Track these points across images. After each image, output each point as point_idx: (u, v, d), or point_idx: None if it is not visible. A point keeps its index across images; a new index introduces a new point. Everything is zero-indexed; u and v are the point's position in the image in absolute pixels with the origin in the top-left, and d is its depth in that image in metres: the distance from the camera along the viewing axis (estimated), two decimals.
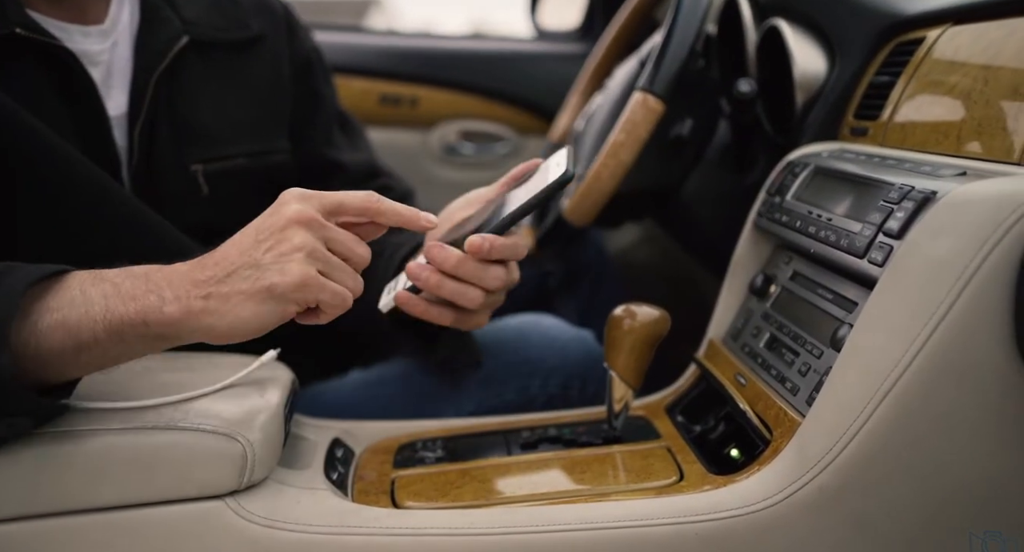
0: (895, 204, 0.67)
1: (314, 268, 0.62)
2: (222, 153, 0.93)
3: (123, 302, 0.59)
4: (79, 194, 0.79)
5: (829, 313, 0.76)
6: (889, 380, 0.62)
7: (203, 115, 0.92)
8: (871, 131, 0.90)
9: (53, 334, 0.58)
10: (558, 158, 0.74)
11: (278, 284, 0.60)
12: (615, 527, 0.67)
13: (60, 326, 0.58)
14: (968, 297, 0.59)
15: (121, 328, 0.59)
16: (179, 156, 0.90)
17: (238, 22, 0.97)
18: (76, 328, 0.58)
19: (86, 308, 0.59)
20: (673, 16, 1.03)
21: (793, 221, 0.83)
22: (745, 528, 0.67)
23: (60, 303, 0.59)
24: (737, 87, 1.05)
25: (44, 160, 0.77)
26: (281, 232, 0.62)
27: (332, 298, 0.63)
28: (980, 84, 0.75)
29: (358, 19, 11.98)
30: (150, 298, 0.59)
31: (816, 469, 0.65)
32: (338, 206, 0.65)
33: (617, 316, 0.82)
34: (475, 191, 0.86)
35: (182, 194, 0.91)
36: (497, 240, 0.72)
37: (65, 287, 0.60)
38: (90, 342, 0.59)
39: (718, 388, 0.85)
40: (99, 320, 0.59)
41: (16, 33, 0.78)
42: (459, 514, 0.69)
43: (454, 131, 1.86)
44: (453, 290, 0.74)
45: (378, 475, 0.78)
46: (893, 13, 0.94)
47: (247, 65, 0.97)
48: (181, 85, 0.90)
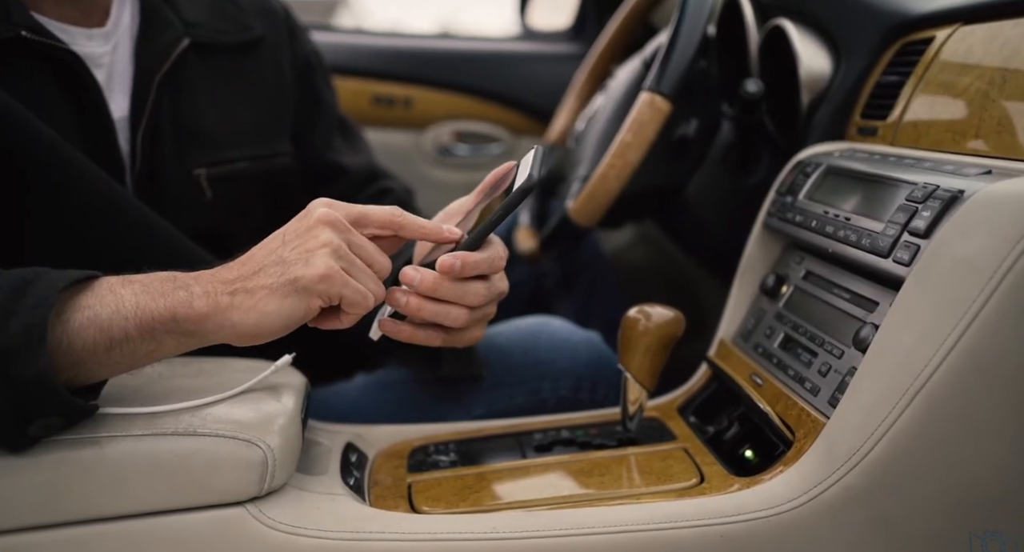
0: (919, 203, 0.67)
1: (338, 264, 0.63)
2: (225, 157, 0.92)
3: (153, 298, 0.61)
4: (87, 199, 0.78)
5: (848, 313, 0.76)
6: (919, 380, 0.62)
7: (206, 118, 0.90)
8: (880, 131, 0.91)
9: (85, 332, 0.59)
10: (526, 161, 0.70)
11: (302, 276, 0.61)
12: (638, 530, 0.66)
13: (92, 323, 0.59)
14: (1000, 297, 0.59)
15: (152, 324, 0.60)
16: (182, 160, 0.89)
17: (239, 24, 0.95)
18: (108, 325, 0.60)
19: (117, 306, 0.60)
20: (679, 16, 1.02)
21: (808, 221, 0.83)
22: (770, 529, 0.66)
23: (91, 302, 0.60)
24: (744, 87, 1.05)
25: (52, 165, 0.76)
26: (308, 231, 0.63)
27: (354, 295, 0.63)
28: (998, 83, 0.75)
29: (325, 19, 11.90)
30: (179, 294, 0.61)
31: (843, 469, 0.65)
32: (362, 217, 0.66)
33: (632, 317, 0.82)
34: (454, 203, 0.81)
35: (185, 198, 0.90)
36: (469, 257, 0.69)
37: (96, 288, 0.61)
38: (121, 339, 0.60)
39: (733, 389, 0.84)
40: (130, 317, 0.60)
41: (22, 35, 0.76)
42: (480, 518, 0.68)
43: (448, 132, 1.85)
44: (434, 312, 0.70)
45: (393, 480, 0.77)
46: (900, 13, 0.95)
47: (249, 68, 0.96)
48: (183, 88, 0.89)
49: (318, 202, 0.66)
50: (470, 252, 0.70)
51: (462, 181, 1.81)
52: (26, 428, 0.59)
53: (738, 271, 0.95)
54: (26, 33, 0.76)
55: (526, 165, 0.70)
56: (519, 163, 0.73)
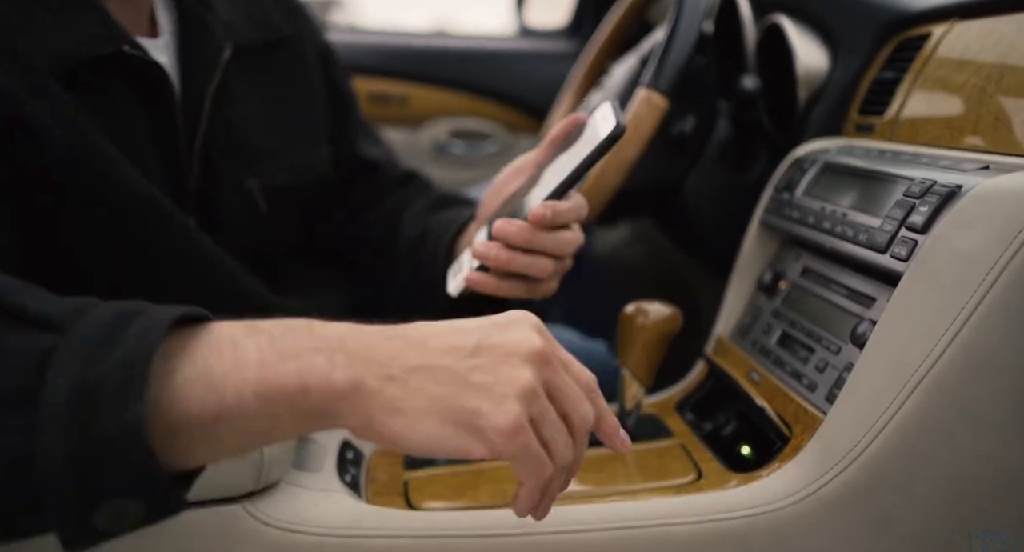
0: (917, 198, 0.67)
1: (527, 415, 0.48)
2: (276, 167, 0.88)
3: (281, 359, 0.45)
4: (159, 239, 0.72)
5: (845, 309, 0.76)
6: (917, 375, 0.62)
7: (253, 127, 0.85)
8: (877, 127, 0.91)
9: (192, 388, 0.44)
10: (603, 112, 0.71)
11: (487, 415, 0.46)
12: (636, 526, 0.66)
13: (203, 378, 0.44)
14: (998, 291, 0.59)
15: (275, 393, 0.45)
16: (235, 173, 0.83)
17: (266, 23, 0.90)
18: (221, 383, 0.44)
19: (236, 361, 0.45)
20: (676, 13, 1.02)
21: (805, 217, 0.83)
22: (768, 526, 0.66)
23: (204, 352, 0.45)
24: (741, 84, 1.05)
25: (131, 207, 0.69)
26: (506, 358, 0.48)
27: (528, 464, 0.48)
28: (994, 79, 0.75)
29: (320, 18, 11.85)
30: (316, 358, 0.46)
31: (841, 465, 0.65)
32: (569, 365, 0.52)
33: (629, 314, 0.82)
34: (520, 158, 0.82)
35: (242, 214, 0.84)
36: (559, 206, 0.70)
37: (211, 332, 0.46)
38: (233, 406, 0.44)
39: (731, 385, 0.84)
40: (250, 379, 0.44)
41: (123, 52, 0.69)
42: (478, 515, 0.68)
43: (444, 129, 1.85)
44: (524, 263, 0.71)
45: (390, 477, 0.76)
46: (896, 9, 0.95)
47: (281, 70, 0.91)
48: (230, 96, 0.83)
49: (528, 321, 0.51)
50: (558, 201, 0.70)
51: (458, 178, 1.81)
52: (91, 515, 0.42)
53: (735, 268, 0.95)
54: (128, 48, 0.69)
55: (604, 116, 0.71)
56: (592, 116, 0.73)
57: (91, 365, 0.42)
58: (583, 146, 0.71)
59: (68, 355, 0.42)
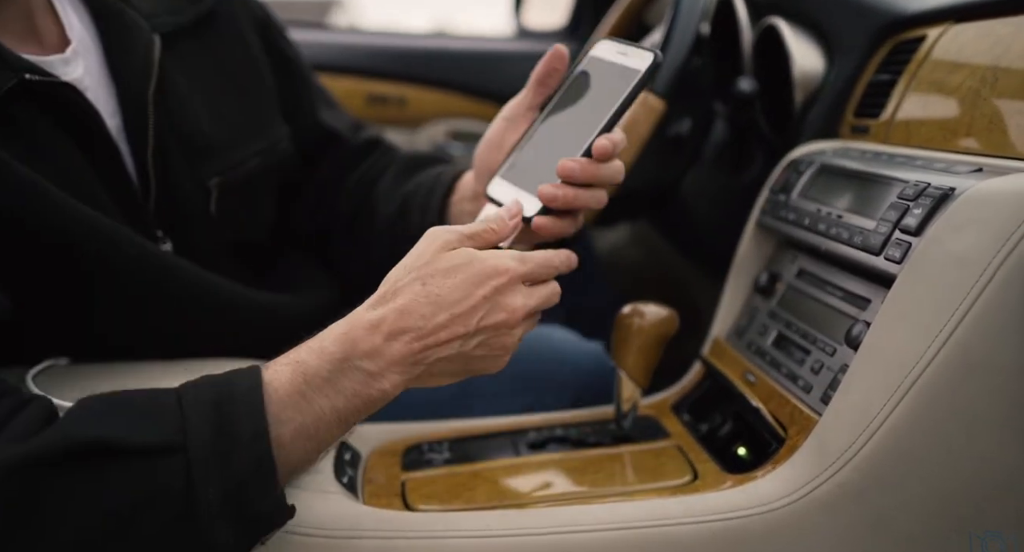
0: (911, 201, 0.67)
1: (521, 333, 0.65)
2: (235, 160, 0.85)
3: (347, 399, 0.59)
4: (120, 266, 0.71)
5: (840, 310, 0.76)
6: (911, 376, 0.62)
7: (204, 121, 0.82)
8: (873, 129, 0.91)
9: (296, 444, 0.58)
10: (617, 48, 0.74)
11: (488, 369, 0.65)
12: (632, 527, 0.67)
13: (300, 435, 0.58)
14: (991, 293, 0.60)
15: (351, 418, 0.60)
16: (195, 175, 0.81)
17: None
18: (315, 433, 0.58)
19: (316, 413, 0.58)
20: (673, 14, 1.02)
21: (801, 218, 0.83)
22: (763, 527, 0.66)
23: (289, 413, 0.58)
24: (738, 86, 1.05)
25: (80, 239, 0.67)
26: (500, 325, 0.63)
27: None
28: (989, 81, 0.76)
29: (320, 19, 11.85)
30: (372, 393, 0.60)
31: (835, 466, 0.65)
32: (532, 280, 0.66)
33: (626, 315, 0.82)
34: (508, 106, 0.81)
35: (205, 214, 0.82)
36: (616, 137, 0.71)
37: (279, 391, 0.58)
38: (327, 438, 0.60)
39: (727, 386, 0.84)
40: (334, 422, 0.59)
41: (25, 80, 0.66)
42: (474, 516, 0.68)
43: (442, 130, 1.85)
44: (587, 198, 0.72)
45: (387, 478, 0.77)
46: (892, 12, 0.95)
47: (217, 46, 0.86)
48: (172, 94, 0.79)
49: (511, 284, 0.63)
50: (612, 134, 0.71)
51: None
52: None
53: (731, 269, 0.95)
54: (29, 76, 0.66)
55: (621, 52, 0.73)
56: (591, 52, 0.75)
57: (227, 470, 0.54)
58: (615, 82, 0.72)
59: (203, 471, 0.53)
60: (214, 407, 0.55)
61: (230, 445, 0.54)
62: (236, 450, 0.54)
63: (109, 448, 0.52)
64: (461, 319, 0.61)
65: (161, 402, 0.56)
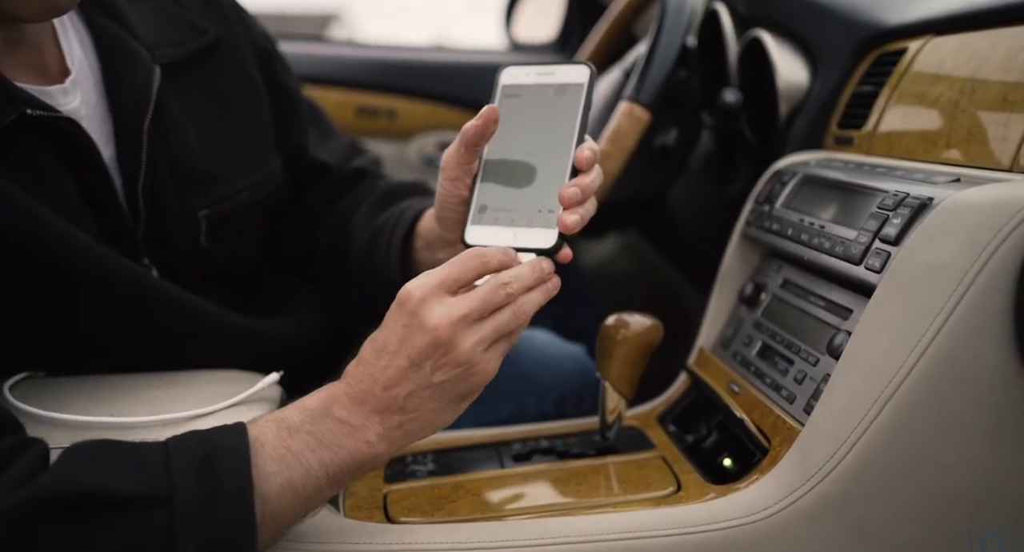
0: (890, 211, 0.68)
1: (498, 354, 0.63)
2: (227, 192, 0.85)
3: (333, 452, 0.60)
4: (111, 292, 0.72)
5: (823, 320, 0.76)
6: (891, 386, 0.62)
7: (198, 153, 0.82)
8: (856, 140, 0.91)
9: (283, 498, 0.59)
10: (528, 70, 0.72)
11: (473, 393, 0.63)
12: (614, 539, 0.66)
13: (287, 489, 0.59)
14: (969, 302, 0.60)
15: (341, 475, 0.61)
16: (186, 206, 0.81)
17: (190, 27, 0.84)
18: (302, 487, 0.59)
19: (303, 466, 0.59)
20: (658, 26, 1.03)
21: (784, 229, 0.83)
22: (746, 538, 0.66)
23: (274, 467, 0.58)
24: (722, 97, 1.06)
25: (73, 267, 0.69)
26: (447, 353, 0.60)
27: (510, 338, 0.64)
28: (967, 93, 0.76)
29: (319, 32, 11.90)
30: (358, 444, 0.61)
31: (817, 477, 0.65)
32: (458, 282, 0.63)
33: (610, 325, 0.82)
34: (448, 166, 0.74)
35: (194, 244, 0.83)
36: (593, 145, 0.70)
37: (265, 446, 0.59)
38: (316, 496, 0.60)
39: (711, 397, 0.84)
40: (321, 476, 0.60)
41: (27, 115, 0.67)
42: (456, 528, 0.68)
43: (432, 142, 1.85)
44: (590, 211, 0.71)
45: (369, 490, 0.76)
46: (873, 24, 0.96)
47: (216, 79, 0.86)
48: (168, 124, 0.79)
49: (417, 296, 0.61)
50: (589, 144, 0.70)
51: None
52: None
53: (717, 280, 0.95)
54: (31, 111, 0.67)
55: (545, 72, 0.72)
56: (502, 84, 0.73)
57: (210, 525, 0.55)
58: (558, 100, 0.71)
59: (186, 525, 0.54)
60: (201, 463, 0.56)
61: (216, 500, 0.55)
62: (222, 505, 0.55)
63: (99, 498, 0.53)
64: (395, 357, 0.61)
65: (148, 454, 0.57)
